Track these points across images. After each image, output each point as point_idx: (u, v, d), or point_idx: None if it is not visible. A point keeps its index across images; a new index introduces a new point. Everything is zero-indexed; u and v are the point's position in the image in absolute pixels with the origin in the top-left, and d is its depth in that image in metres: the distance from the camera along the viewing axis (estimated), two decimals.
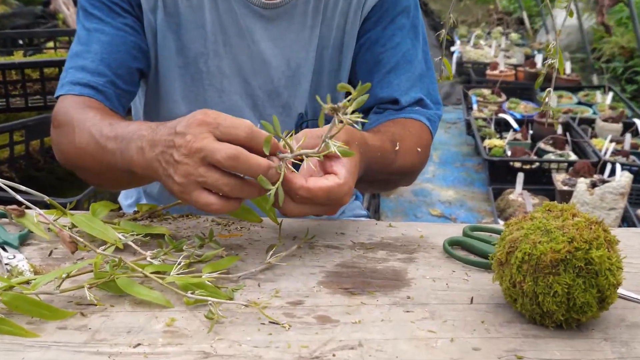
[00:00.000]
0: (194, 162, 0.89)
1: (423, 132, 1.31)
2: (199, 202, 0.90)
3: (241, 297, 0.90)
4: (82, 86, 1.24)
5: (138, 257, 0.97)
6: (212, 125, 0.89)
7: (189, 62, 1.31)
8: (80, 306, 0.86)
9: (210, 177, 0.89)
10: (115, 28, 1.27)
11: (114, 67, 1.25)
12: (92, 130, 1.10)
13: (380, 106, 1.34)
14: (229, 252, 1.02)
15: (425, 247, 1.07)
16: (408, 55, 1.33)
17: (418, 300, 0.90)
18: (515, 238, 0.85)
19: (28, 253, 1.01)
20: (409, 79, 1.33)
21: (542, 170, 4.06)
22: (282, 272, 0.97)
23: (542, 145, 4.31)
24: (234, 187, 0.90)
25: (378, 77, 1.33)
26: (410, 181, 1.36)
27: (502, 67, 6.11)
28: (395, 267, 1.00)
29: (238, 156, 0.88)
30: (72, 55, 1.28)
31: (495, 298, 0.91)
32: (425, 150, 1.29)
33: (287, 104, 1.34)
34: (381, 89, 1.33)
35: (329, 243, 1.07)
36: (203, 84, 1.32)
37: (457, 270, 0.99)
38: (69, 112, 1.18)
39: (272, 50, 1.30)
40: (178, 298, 0.88)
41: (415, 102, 1.33)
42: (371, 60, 1.33)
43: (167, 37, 1.30)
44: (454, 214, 4.00)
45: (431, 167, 4.66)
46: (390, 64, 1.33)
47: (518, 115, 4.99)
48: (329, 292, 0.92)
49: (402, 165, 1.21)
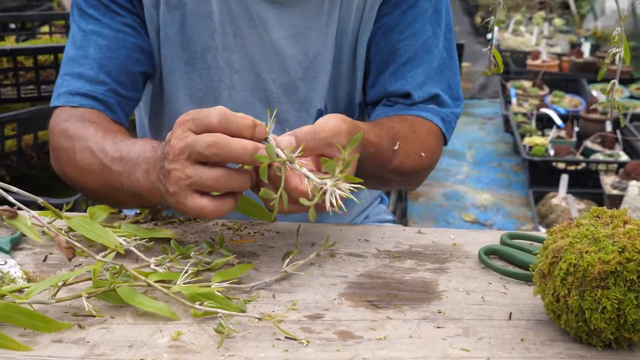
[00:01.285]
0: (181, 165, 0.93)
1: (432, 135, 1.30)
2: (193, 208, 0.93)
3: (254, 309, 0.90)
4: (82, 96, 1.26)
5: (141, 264, 0.97)
6: (189, 122, 0.93)
7: (196, 57, 1.31)
8: (77, 317, 0.87)
9: (196, 174, 0.92)
10: (113, 30, 1.28)
11: (114, 73, 1.27)
12: (95, 149, 1.13)
13: (391, 99, 1.34)
14: (240, 260, 1.03)
15: (458, 256, 1.07)
16: (428, 44, 1.32)
17: (450, 315, 0.90)
18: (560, 247, 0.84)
19: (20, 258, 1.02)
20: (425, 71, 1.32)
21: (589, 172, 4.04)
22: (300, 283, 0.97)
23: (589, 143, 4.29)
24: (220, 179, 0.92)
25: (393, 67, 1.32)
26: (415, 185, 1.35)
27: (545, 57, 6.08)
28: (425, 278, 1.00)
29: (217, 142, 0.90)
30: (67, 59, 1.29)
31: (537, 314, 0.91)
32: (431, 155, 1.28)
33: (304, 99, 1.33)
34: (394, 81, 1.32)
35: (352, 251, 1.07)
36: (212, 80, 1.32)
37: (494, 283, 0.99)
38: (68, 128, 1.21)
39: (287, 40, 1.30)
40: (185, 310, 0.88)
41: (430, 98, 1.32)
42: (386, 49, 1.32)
43: (171, 32, 1.30)
44: (489, 220, 3.99)
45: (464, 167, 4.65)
46: (407, 54, 1.32)
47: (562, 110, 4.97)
48: (352, 305, 0.92)
49: (401, 167, 1.21)
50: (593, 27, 7.27)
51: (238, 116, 0.93)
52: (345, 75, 1.35)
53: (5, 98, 2.57)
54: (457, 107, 1.36)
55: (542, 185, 4.02)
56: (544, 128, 4.71)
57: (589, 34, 7.10)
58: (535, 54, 6.13)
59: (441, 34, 1.34)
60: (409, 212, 3.92)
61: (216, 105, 0.97)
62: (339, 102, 1.37)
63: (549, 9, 8.12)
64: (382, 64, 1.33)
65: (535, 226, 3.66)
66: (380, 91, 1.33)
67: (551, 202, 3.75)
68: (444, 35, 1.35)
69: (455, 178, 4.48)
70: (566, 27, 7.38)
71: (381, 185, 1.37)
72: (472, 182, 4.47)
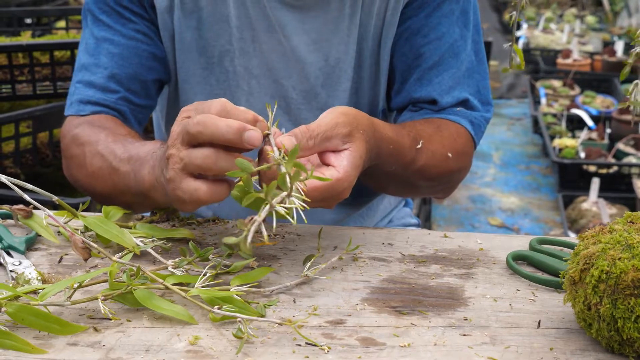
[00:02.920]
0: (177, 150, 0.96)
1: (460, 137, 1.29)
2: (187, 191, 0.96)
3: (274, 314, 0.90)
4: (93, 104, 1.29)
5: (158, 267, 0.98)
6: (191, 110, 0.98)
7: (213, 62, 1.32)
8: (93, 320, 0.87)
9: (187, 156, 0.95)
10: (126, 37, 1.30)
11: (125, 82, 1.30)
12: (104, 153, 1.16)
13: (417, 105, 1.33)
14: (260, 263, 1.03)
15: (485, 261, 1.07)
16: (455, 47, 1.31)
17: (477, 322, 0.90)
18: (591, 253, 0.84)
19: (35, 259, 1.03)
20: (453, 75, 1.31)
21: (622, 176, 4.01)
22: (321, 287, 0.97)
23: (622, 146, 4.26)
24: (207, 158, 0.94)
25: (418, 73, 1.31)
26: (445, 191, 1.34)
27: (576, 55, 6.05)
28: (450, 283, 1.00)
29: (204, 120, 0.93)
30: (80, 67, 1.32)
31: (567, 322, 0.91)
32: (460, 157, 1.27)
33: (325, 105, 1.32)
34: (419, 87, 1.31)
35: (375, 255, 1.07)
36: (230, 85, 1.32)
37: (523, 289, 0.99)
38: (79, 134, 1.24)
39: (307, 46, 1.30)
40: (203, 314, 0.89)
41: (458, 103, 1.31)
42: (410, 54, 1.31)
43: (187, 37, 1.31)
44: (516, 224, 3.97)
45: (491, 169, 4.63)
46: (432, 58, 1.30)
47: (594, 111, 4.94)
48: (374, 310, 0.92)
49: (426, 168, 1.20)
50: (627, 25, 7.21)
51: (239, 109, 0.96)
52: (367, 82, 1.34)
53: (21, 94, 2.58)
54: (487, 112, 1.34)
55: (572, 188, 4.00)
56: (575, 129, 4.68)
57: (622, 32, 7.04)
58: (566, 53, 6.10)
59: (469, 36, 1.33)
60: (433, 215, 3.91)
61: None
62: (360, 108, 1.35)
63: (581, 6, 8.07)
64: (406, 70, 1.32)
65: (565, 231, 3.64)
66: (406, 98, 1.33)
67: (581, 206, 3.72)
68: (472, 38, 1.33)
69: (481, 180, 4.47)
70: (599, 25, 7.33)
71: (408, 189, 1.35)
72: (499, 185, 4.45)
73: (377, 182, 1.24)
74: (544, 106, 5.14)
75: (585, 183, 3.85)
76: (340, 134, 0.99)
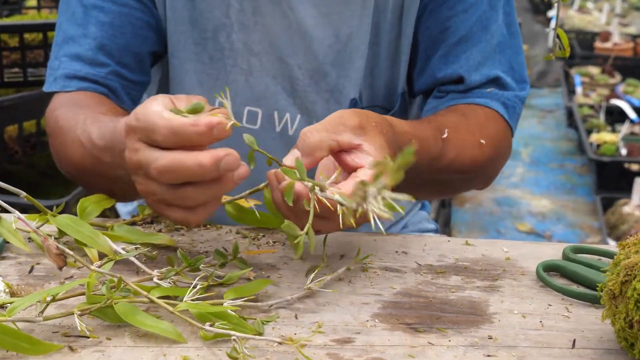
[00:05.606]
0: (143, 180, 0.94)
1: (490, 121, 1.29)
2: (176, 220, 0.96)
3: (273, 331, 0.90)
4: (80, 80, 1.28)
5: (142, 277, 0.98)
6: (137, 131, 0.92)
7: (207, 36, 1.32)
8: (68, 338, 0.88)
9: (160, 191, 0.93)
10: (117, 4, 1.29)
11: (116, 55, 1.29)
12: (83, 140, 1.14)
13: (442, 88, 1.33)
14: (258, 274, 1.03)
15: (512, 272, 1.07)
16: (484, 19, 1.31)
17: (503, 341, 0.90)
18: (634, 264, 0.84)
19: (3, 269, 1.04)
20: (482, 50, 1.31)
21: None
22: (326, 301, 0.98)
23: None
24: (188, 199, 0.93)
25: (443, 49, 1.32)
26: (483, 183, 1.34)
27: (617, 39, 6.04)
28: (473, 297, 1.00)
29: (169, 167, 0.90)
30: (65, 39, 1.31)
31: (605, 341, 0.91)
32: (494, 143, 1.27)
33: (335, 87, 1.33)
34: (444, 64, 1.32)
35: (388, 264, 1.08)
36: (225, 64, 1.33)
37: (555, 304, 0.99)
38: (59, 117, 1.23)
39: (316, 19, 1.30)
40: (193, 331, 0.89)
41: (488, 82, 1.31)
42: (435, 28, 1.32)
43: (178, 6, 1.31)
44: (548, 231, 3.97)
45: (519, 168, 4.63)
46: (459, 32, 1.31)
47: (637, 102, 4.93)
48: (387, 328, 0.92)
49: (458, 160, 1.20)
50: None
51: (186, 124, 0.89)
52: (384, 60, 1.34)
53: None
54: (522, 90, 1.34)
55: (612, 190, 4.00)
56: (615, 123, 4.68)
57: None
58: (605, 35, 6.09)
59: (500, 7, 1.33)
60: (453, 220, 3.91)
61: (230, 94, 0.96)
62: (376, 91, 1.36)
63: None
64: (431, 46, 1.33)
65: (604, 238, 3.65)
66: (430, 78, 1.33)
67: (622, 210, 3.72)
68: (503, 8, 1.34)
69: (508, 181, 4.47)
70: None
71: (442, 189, 1.36)
72: (529, 186, 4.46)
73: (405, 187, 1.24)
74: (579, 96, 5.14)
75: (627, 184, 3.85)
76: (350, 126, 0.98)
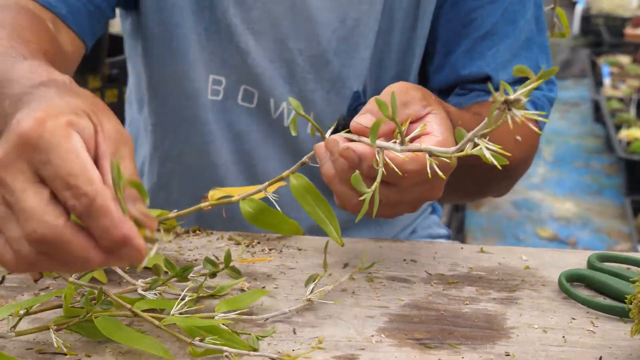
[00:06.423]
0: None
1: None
2: None
3: (269, 347, 0.91)
4: None
5: (125, 289, 0.98)
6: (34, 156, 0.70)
7: (204, 5, 1.32)
8: (43, 355, 0.88)
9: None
10: None
11: None
12: None
13: (466, 86, 1.34)
14: (252, 284, 1.04)
15: (532, 282, 1.07)
16: (511, 12, 1.32)
17: (522, 358, 0.90)
18: None
19: None
20: (509, 47, 1.32)
21: None
22: (328, 314, 0.98)
23: None
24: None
25: (466, 44, 1.33)
26: (504, 188, 1.34)
27: None
28: (489, 310, 1.00)
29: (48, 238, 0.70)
30: None
31: (635, 359, 0.91)
32: (527, 141, 1.28)
33: (337, 77, 1.34)
34: (469, 61, 1.32)
35: (395, 274, 1.08)
36: (221, 41, 1.33)
37: (579, 318, 0.99)
38: None
39: (321, 1, 1.31)
40: (181, 347, 0.89)
41: (516, 82, 1.31)
42: (458, 20, 1.33)
43: None
44: (572, 237, 3.97)
45: (541, 168, 4.64)
46: (485, 26, 1.31)
47: None
48: (394, 343, 0.92)
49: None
50: None
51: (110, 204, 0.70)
52: (395, 52, 1.35)
53: None
54: (551, 91, 1.36)
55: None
56: None
57: None
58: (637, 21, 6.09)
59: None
60: (467, 225, 3.91)
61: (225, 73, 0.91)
62: (383, 84, 1.35)
63: None
64: (452, 40, 1.33)
65: (634, 245, 3.65)
66: (452, 75, 1.34)
67: None
68: (533, 1, 1.34)
69: (528, 182, 4.47)
70: None
71: (479, 188, 1.35)
72: (551, 187, 4.46)
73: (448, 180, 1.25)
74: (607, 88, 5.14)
75: None
76: (417, 97, 0.97)
